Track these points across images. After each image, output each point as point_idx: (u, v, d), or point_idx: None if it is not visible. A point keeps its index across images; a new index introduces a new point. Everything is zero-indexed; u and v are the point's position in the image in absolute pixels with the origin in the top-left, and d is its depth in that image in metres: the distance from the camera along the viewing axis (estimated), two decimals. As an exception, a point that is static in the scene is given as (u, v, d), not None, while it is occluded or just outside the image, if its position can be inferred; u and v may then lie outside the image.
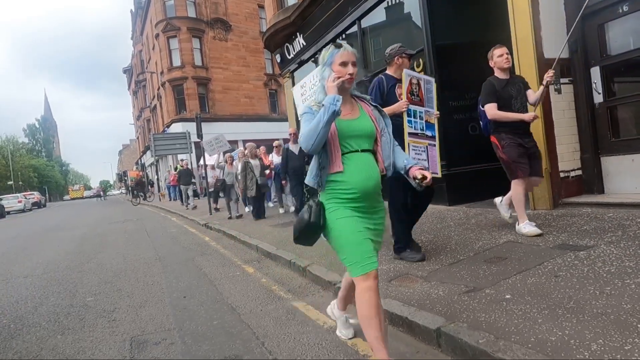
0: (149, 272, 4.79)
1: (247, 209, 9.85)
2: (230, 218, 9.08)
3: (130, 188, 22.62)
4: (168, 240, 7.34)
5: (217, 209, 11.44)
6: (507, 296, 2.49)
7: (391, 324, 2.54)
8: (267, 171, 8.65)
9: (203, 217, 9.99)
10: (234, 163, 9.75)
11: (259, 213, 8.18)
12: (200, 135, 10.90)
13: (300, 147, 5.97)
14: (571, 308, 2.20)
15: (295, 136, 7.41)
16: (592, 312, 2.12)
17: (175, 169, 17.75)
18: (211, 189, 11.29)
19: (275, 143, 9.31)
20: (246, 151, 8.53)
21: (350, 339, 2.41)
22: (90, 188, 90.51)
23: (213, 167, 11.38)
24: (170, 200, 20.13)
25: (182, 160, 16.18)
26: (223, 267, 4.72)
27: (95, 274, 4.95)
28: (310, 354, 2.31)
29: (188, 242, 6.88)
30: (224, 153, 10.78)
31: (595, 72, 4.78)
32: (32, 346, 2.80)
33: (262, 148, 9.92)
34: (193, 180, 14.82)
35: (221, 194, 10.62)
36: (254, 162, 8.15)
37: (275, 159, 8.92)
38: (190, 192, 13.96)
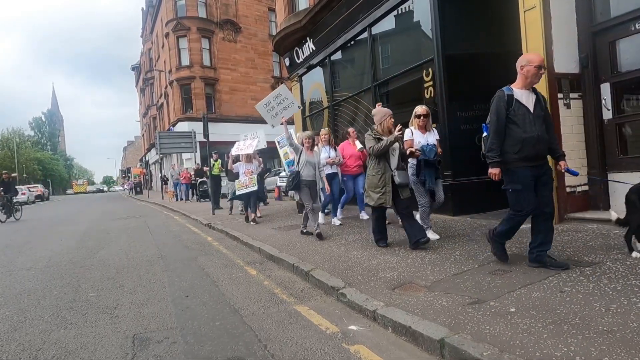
0: (151, 269, 4.80)
1: (337, 221, 6.61)
2: (304, 232, 5.89)
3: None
4: (170, 239, 7.35)
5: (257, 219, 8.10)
6: (512, 309, 2.49)
7: (394, 333, 2.53)
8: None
9: (206, 217, 9.99)
10: (316, 148, 6.25)
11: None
12: (206, 135, 10.24)
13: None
14: (577, 324, 2.19)
15: (536, 71, 3.22)
16: (597, 329, 2.11)
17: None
18: (255, 189, 7.73)
19: (422, 111, 4.74)
20: (376, 125, 4.53)
21: (354, 344, 2.41)
22: (93, 183, 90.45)
23: (250, 158, 7.90)
24: (177, 200, 18.09)
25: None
26: (225, 267, 4.72)
27: (98, 269, 4.96)
28: (313, 359, 2.30)
29: (190, 242, 6.88)
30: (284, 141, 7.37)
31: (606, 88, 4.79)
32: (35, 339, 2.81)
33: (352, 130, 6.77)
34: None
35: (294, 195, 6.84)
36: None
37: (418, 138, 4.68)
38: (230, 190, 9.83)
